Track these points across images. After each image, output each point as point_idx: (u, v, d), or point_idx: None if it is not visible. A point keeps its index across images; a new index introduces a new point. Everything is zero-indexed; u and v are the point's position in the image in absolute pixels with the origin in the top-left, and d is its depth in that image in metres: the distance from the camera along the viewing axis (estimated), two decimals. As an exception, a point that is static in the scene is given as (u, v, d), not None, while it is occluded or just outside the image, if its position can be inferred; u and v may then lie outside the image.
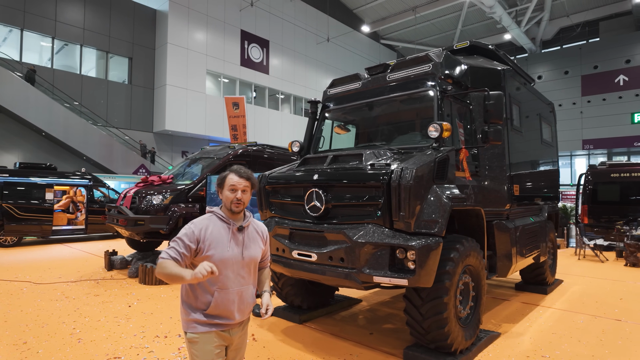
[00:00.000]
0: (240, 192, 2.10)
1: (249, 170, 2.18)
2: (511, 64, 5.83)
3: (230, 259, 2.04)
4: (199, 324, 1.99)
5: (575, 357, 3.82)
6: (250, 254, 2.14)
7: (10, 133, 17.49)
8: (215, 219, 2.11)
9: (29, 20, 18.17)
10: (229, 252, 2.05)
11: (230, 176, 2.12)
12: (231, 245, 2.07)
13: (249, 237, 2.18)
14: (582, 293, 6.30)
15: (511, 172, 4.90)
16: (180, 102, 21.55)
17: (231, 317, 2.05)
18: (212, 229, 2.05)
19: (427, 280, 3.22)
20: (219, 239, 2.04)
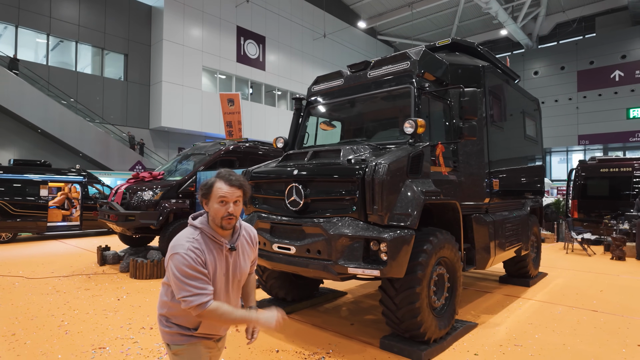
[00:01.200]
0: (232, 205, 1.78)
1: (240, 176, 1.86)
2: (494, 60, 5.93)
3: (220, 280, 1.82)
4: (185, 336, 1.82)
5: (547, 345, 3.95)
6: (241, 271, 1.93)
7: (6, 130, 17.56)
8: (205, 238, 1.80)
9: (24, 17, 18.18)
10: (219, 274, 1.82)
11: (219, 185, 1.78)
12: (222, 267, 1.83)
13: (240, 252, 1.94)
14: (564, 285, 6.43)
15: (490, 167, 5.00)
16: (176, 98, 21.61)
17: (219, 332, 1.91)
18: (205, 251, 1.77)
19: (398, 271, 3.34)
20: (212, 262, 1.79)
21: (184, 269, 1.67)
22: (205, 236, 1.80)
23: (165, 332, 1.83)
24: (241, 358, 3.61)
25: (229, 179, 1.79)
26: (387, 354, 3.71)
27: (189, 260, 1.68)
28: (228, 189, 1.77)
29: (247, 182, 1.87)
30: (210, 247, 1.79)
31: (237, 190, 1.79)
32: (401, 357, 3.63)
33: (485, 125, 4.97)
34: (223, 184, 1.78)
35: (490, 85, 5.20)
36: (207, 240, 1.79)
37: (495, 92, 5.31)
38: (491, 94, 5.19)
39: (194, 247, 1.73)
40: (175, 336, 1.81)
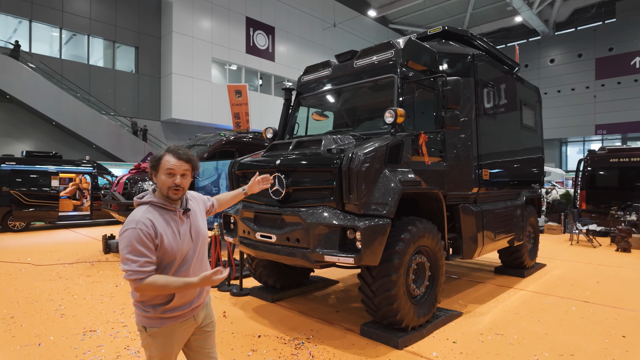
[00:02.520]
0: (179, 177, 1.84)
1: (189, 151, 1.93)
2: (489, 48, 5.84)
3: (185, 248, 1.87)
4: (162, 319, 1.85)
5: (528, 334, 3.95)
6: (200, 233, 1.97)
7: (22, 122, 18.07)
8: (155, 208, 1.84)
9: (37, 11, 18.55)
10: (182, 240, 1.85)
11: (167, 158, 1.85)
12: (182, 233, 1.87)
13: (195, 214, 1.99)
14: (560, 276, 6.37)
15: (480, 157, 4.96)
16: (186, 90, 21.83)
17: (194, 301, 1.92)
18: (158, 221, 1.80)
19: (372, 259, 3.38)
20: (167, 231, 1.81)
21: (133, 243, 1.72)
22: (155, 207, 1.84)
23: (143, 315, 1.85)
24: (223, 342, 3.73)
25: (177, 152, 1.86)
26: (366, 340, 3.78)
27: (139, 234, 1.72)
28: (175, 162, 1.84)
29: (195, 157, 1.93)
30: (164, 216, 1.83)
31: (185, 164, 1.86)
32: (379, 344, 3.69)
33: (475, 114, 4.92)
34: (171, 157, 1.85)
35: (482, 74, 5.13)
36: (159, 210, 1.84)
37: (487, 81, 5.25)
38: (482, 82, 5.13)
39: (146, 219, 1.77)
40: (154, 319, 1.84)
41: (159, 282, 1.74)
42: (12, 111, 17.80)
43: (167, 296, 1.82)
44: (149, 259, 1.74)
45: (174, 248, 1.82)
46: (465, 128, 4.79)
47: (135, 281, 1.72)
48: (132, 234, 1.73)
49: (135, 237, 1.73)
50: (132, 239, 1.73)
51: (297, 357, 3.43)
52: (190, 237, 1.90)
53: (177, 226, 1.86)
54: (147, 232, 1.74)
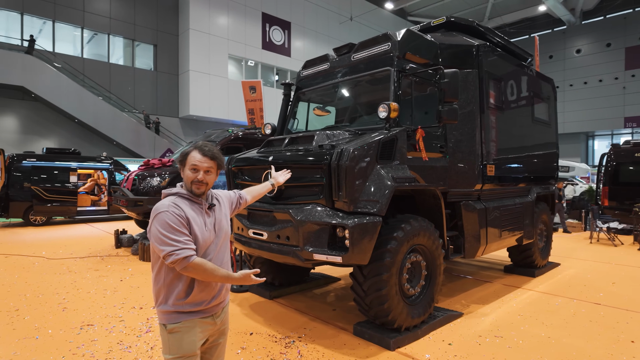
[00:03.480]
0: (202, 173, 1.88)
1: (216, 148, 1.96)
2: (497, 39, 5.61)
3: (208, 240, 1.88)
4: (182, 313, 1.83)
5: (529, 337, 3.79)
6: (223, 230, 1.98)
7: (46, 120, 18.68)
8: (183, 200, 1.87)
9: (60, 12, 19.08)
10: (206, 233, 1.87)
11: (193, 154, 1.90)
12: (207, 226, 1.89)
13: (218, 210, 2.00)
14: (573, 277, 6.10)
15: (484, 152, 4.78)
16: (203, 87, 22.07)
17: (215, 297, 1.90)
18: (186, 210, 1.83)
19: (361, 257, 3.30)
20: (196, 219, 1.85)
21: (169, 223, 1.73)
22: (182, 198, 1.87)
23: (162, 312, 1.84)
24: (215, 339, 3.73)
25: (203, 149, 1.91)
26: (358, 340, 3.70)
27: (173, 216, 1.74)
28: (200, 158, 1.88)
29: (221, 155, 1.96)
30: (190, 207, 1.86)
31: (210, 161, 1.90)
32: (371, 344, 3.62)
33: (479, 108, 4.74)
34: (197, 153, 1.90)
35: (487, 66, 4.93)
36: (186, 201, 1.87)
37: (493, 73, 5.04)
38: (488, 75, 4.92)
39: (175, 204, 1.80)
40: (172, 314, 1.82)
41: (208, 265, 1.77)
42: (37, 109, 18.43)
43: (186, 289, 1.83)
44: (189, 237, 1.77)
45: (199, 238, 1.83)
46: (468, 122, 4.61)
47: (184, 260, 1.71)
48: (166, 216, 1.75)
49: (169, 218, 1.74)
50: (167, 220, 1.74)
51: (286, 356, 3.39)
52: (213, 230, 1.92)
53: (203, 217, 1.89)
54: (179, 214, 1.78)
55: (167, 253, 1.72)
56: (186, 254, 1.72)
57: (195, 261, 1.74)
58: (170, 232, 1.73)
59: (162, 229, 1.73)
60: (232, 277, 1.83)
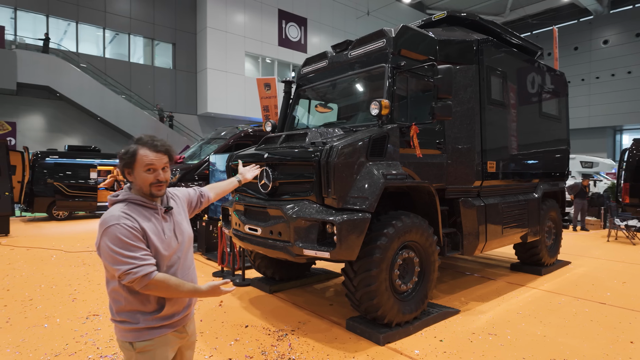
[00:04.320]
0: (161, 172, 1.68)
1: (165, 141, 1.74)
2: (501, 33, 5.51)
3: (170, 249, 1.70)
4: (153, 328, 1.65)
5: (524, 336, 3.75)
6: (186, 234, 1.81)
7: (70, 118, 19.37)
8: (134, 207, 1.66)
9: (83, 13, 19.69)
10: (166, 241, 1.68)
11: (143, 152, 1.64)
12: (166, 233, 1.70)
13: (176, 213, 1.81)
14: (582, 275, 5.96)
15: (485, 148, 4.72)
16: (221, 84, 22.39)
17: (186, 306, 1.77)
18: (139, 218, 1.62)
19: (348, 254, 3.34)
20: (152, 228, 1.64)
21: (122, 238, 1.52)
22: (133, 205, 1.65)
23: (128, 329, 1.63)
24: (212, 331, 3.85)
25: (154, 144, 1.67)
26: (350, 335, 3.75)
27: (125, 230, 1.53)
28: (155, 156, 1.65)
29: (171, 147, 1.76)
30: (144, 214, 1.64)
31: (164, 156, 1.69)
32: (362, 338, 3.66)
33: (479, 103, 4.68)
34: (148, 150, 1.65)
35: (489, 60, 4.85)
36: (138, 209, 1.64)
37: (495, 68, 4.95)
38: (490, 69, 4.85)
39: (126, 214, 1.58)
40: (143, 331, 1.63)
41: (172, 280, 1.59)
42: (62, 108, 19.12)
43: (158, 303, 1.65)
44: (146, 251, 1.57)
45: (160, 249, 1.64)
46: (467, 119, 4.57)
47: (144, 277, 1.52)
48: (117, 230, 1.53)
49: (121, 232, 1.53)
50: (119, 234, 1.53)
51: (276, 348, 3.48)
52: (175, 238, 1.72)
53: (160, 225, 1.68)
54: (132, 225, 1.56)
55: (123, 272, 1.52)
56: (145, 271, 1.53)
57: (157, 277, 1.55)
58: (124, 249, 1.52)
59: (114, 246, 1.53)
60: (200, 291, 1.66)
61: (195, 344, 1.93)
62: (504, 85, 5.11)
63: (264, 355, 3.34)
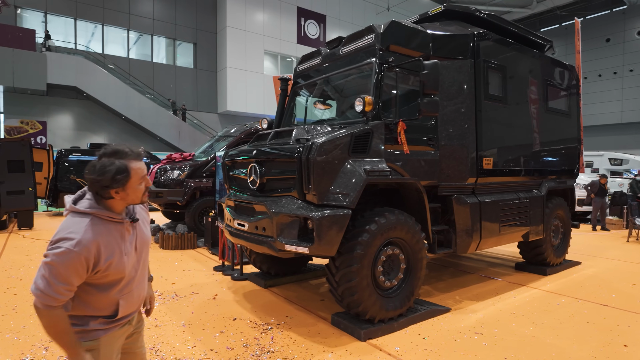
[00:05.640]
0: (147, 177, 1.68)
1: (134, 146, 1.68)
2: (504, 26, 5.36)
3: (131, 262, 1.67)
4: (101, 330, 1.64)
5: (511, 336, 3.67)
6: (145, 240, 1.78)
7: (97, 117, 20.14)
8: (102, 223, 1.57)
9: (108, 16, 20.42)
10: (129, 256, 1.65)
11: (136, 165, 1.60)
12: (128, 247, 1.65)
13: (141, 220, 1.78)
14: (590, 276, 5.74)
15: (481, 144, 4.63)
16: (240, 83, 22.73)
17: (137, 309, 1.79)
18: (104, 237, 1.55)
19: (327, 249, 3.37)
20: (115, 251, 1.58)
21: (62, 266, 1.44)
22: (98, 220, 1.56)
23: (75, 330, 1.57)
24: (200, 322, 3.96)
25: (137, 153, 1.63)
26: (334, 330, 3.78)
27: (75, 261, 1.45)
28: (142, 165, 1.64)
29: None
30: (112, 233, 1.59)
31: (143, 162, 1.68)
32: (345, 334, 3.68)
33: (474, 99, 4.59)
34: (137, 162, 1.61)
35: (486, 54, 4.74)
36: (104, 224, 1.57)
37: (493, 62, 4.84)
38: (487, 64, 4.74)
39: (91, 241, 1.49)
40: (91, 332, 1.61)
41: (60, 325, 1.50)
42: (89, 107, 19.92)
43: (112, 308, 1.64)
44: (70, 287, 1.48)
45: (120, 269, 1.61)
46: (461, 114, 4.48)
47: (43, 305, 1.45)
48: (67, 257, 1.44)
49: (68, 260, 1.44)
50: (64, 261, 1.44)
51: (259, 341, 3.55)
52: (134, 251, 1.69)
53: (124, 243, 1.63)
54: (85, 258, 1.47)
55: (39, 287, 1.45)
56: (47, 302, 1.45)
57: (54, 313, 1.47)
58: (52, 275, 1.44)
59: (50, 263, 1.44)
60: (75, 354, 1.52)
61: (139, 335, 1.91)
62: (503, 80, 4.99)
63: (245, 347, 3.42)
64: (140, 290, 1.77)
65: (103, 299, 1.62)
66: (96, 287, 1.60)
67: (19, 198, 9.11)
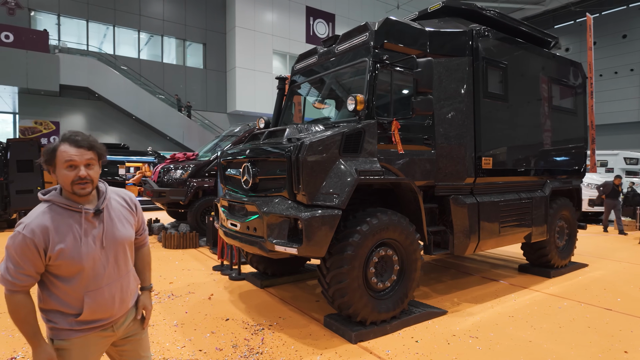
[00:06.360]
0: (83, 168, 1.58)
1: (90, 136, 1.65)
2: (506, 22, 5.24)
3: (95, 252, 1.63)
4: (72, 330, 1.62)
5: (507, 340, 3.58)
6: (118, 237, 1.72)
7: (108, 118, 20.42)
8: (57, 209, 1.60)
9: (119, 17, 20.68)
10: (87, 247, 1.61)
11: (63, 147, 1.57)
12: (89, 238, 1.62)
13: (113, 216, 1.73)
14: (595, 279, 5.58)
15: (480, 143, 4.53)
16: (249, 83, 22.80)
17: (112, 315, 1.71)
18: (58, 224, 1.57)
19: (316, 250, 3.32)
20: (71, 235, 1.58)
21: (13, 248, 1.53)
22: (56, 207, 1.60)
23: (48, 327, 1.63)
24: (193, 322, 3.96)
25: (75, 139, 1.59)
26: (325, 331, 3.74)
27: (21, 243, 1.52)
28: (75, 151, 1.57)
29: (99, 143, 1.67)
30: (66, 220, 1.60)
31: (87, 152, 1.60)
32: (336, 336, 3.64)
33: (473, 97, 4.49)
34: (68, 146, 1.57)
35: (486, 51, 4.64)
36: (60, 211, 1.60)
37: (494, 59, 4.73)
38: (486, 61, 4.63)
39: (38, 224, 1.55)
40: (59, 332, 1.61)
41: (22, 312, 1.55)
42: (100, 108, 20.20)
43: (75, 308, 1.62)
44: (23, 270, 1.52)
45: (76, 258, 1.58)
46: (458, 113, 4.39)
47: (6, 289, 1.55)
48: (16, 239, 1.53)
49: (17, 243, 1.52)
50: (14, 244, 1.53)
51: (248, 342, 3.53)
52: (100, 244, 1.65)
53: (80, 231, 1.61)
54: (31, 240, 1.52)
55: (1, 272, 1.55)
56: (6, 286, 1.53)
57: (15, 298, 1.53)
58: (8, 257, 1.55)
59: (9, 250, 1.54)
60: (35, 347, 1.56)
61: (140, 340, 1.87)
62: (504, 78, 4.87)
63: (234, 348, 3.40)
64: (114, 292, 1.70)
65: (68, 292, 1.60)
66: (58, 277, 1.60)
67: (27, 197, 9.29)
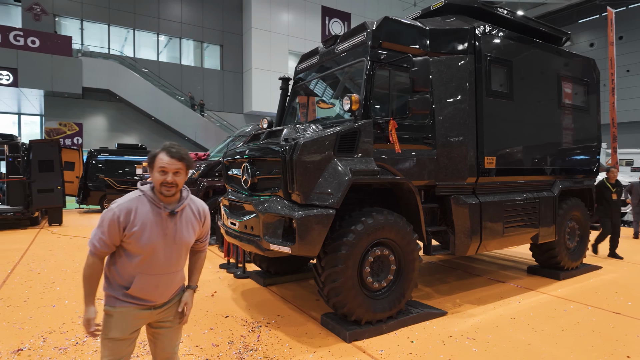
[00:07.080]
0: (171, 175, 1.89)
1: (183, 149, 1.96)
2: (512, 19, 5.14)
3: (158, 244, 1.92)
4: (118, 299, 1.92)
5: (506, 342, 3.52)
6: (182, 239, 2.01)
7: (128, 119, 21.00)
8: (145, 201, 1.93)
9: (139, 21, 21.23)
10: (157, 237, 1.92)
11: (161, 156, 1.91)
12: (161, 231, 1.93)
13: (183, 220, 2.02)
14: (608, 282, 5.41)
15: (482, 142, 4.46)
16: (265, 83, 23.00)
17: (152, 300, 1.98)
18: (140, 212, 1.89)
19: (309, 249, 3.35)
20: (146, 224, 1.89)
21: (105, 219, 1.86)
22: (145, 199, 1.93)
23: (104, 293, 1.95)
24: (193, 319, 4.04)
25: (171, 151, 1.91)
26: (321, 330, 3.77)
27: (111, 216, 1.85)
28: (168, 160, 1.89)
29: (189, 156, 1.95)
30: (149, 210, 1.91)
31: (177, 162, 1.90)
32: (331, 335, 3.66)
33: (475, 95, 4.43)
34: (165, 155, 1.90)
35: (490, 49, 4.57)
36: (146, 203, 1.92)
37: (498, 57, 4.65)
38: (489, 58, 4.56)
39: (128, 207, 1.88)
40: (110, 298, 1.93)
41: (89, 271, 1.89)
42: (121, 109, 20.80)
43: (126, 281, 1.92)
44: (104, 237, 1.86)
45: (142, 242, 1.88)
46: (459, 112, 4.34)
47: (89, 250, 1.90)
48: (108, 213, 1.88)
49: (108, 216, 1.86)
50: (106, 216, 1.87)
51: (245, 338, 3.59)
52: (165, 239, 1.95)
53: (154, 223, 1.91)
54: (118, 217, 1.85)
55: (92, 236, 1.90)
56: (90, 245, 1.88)
57: (91, 257, 1.88)
58: (99, 225, 1.88)
59: (100, 219, 1.89)
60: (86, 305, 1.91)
61: (176, 329, 2.11)
62: (509, 76, 4.78)
63: (229, 345, 3.46)
64: (160, 283, 1.97)
65: (126, 267, 1.92)
66: (125, 252, 1.92)
67: (49, 196, 9.65)
